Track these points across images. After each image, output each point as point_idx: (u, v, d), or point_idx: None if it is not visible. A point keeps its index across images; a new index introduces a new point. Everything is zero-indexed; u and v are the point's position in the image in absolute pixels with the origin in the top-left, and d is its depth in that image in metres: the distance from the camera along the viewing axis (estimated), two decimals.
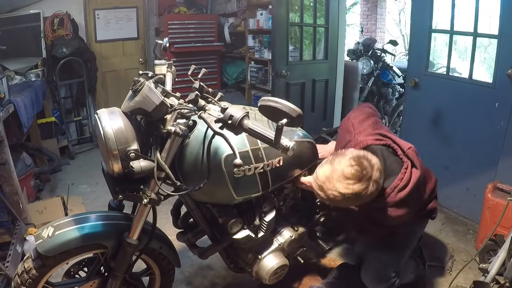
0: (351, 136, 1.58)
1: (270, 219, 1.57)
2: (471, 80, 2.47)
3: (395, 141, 1.49)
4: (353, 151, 1.35)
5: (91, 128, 4.29)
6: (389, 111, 4.44)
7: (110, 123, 1.21)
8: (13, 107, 2.40)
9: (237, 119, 1.07)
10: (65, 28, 3.84)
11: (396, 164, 1.44)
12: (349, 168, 1.27)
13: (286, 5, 3.07)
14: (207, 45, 4.43)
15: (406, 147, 1.47)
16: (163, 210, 1.90)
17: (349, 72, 3.87)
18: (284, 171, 1.53)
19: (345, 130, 1.65)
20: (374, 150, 1.45)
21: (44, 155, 3.38)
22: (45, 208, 2.53)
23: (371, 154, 1.34)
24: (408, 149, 1.46)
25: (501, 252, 1.60)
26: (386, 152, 1.46)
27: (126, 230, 1.38)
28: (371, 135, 1.52)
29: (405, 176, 1.40)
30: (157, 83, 1.33)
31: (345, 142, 1.59)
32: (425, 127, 2.74)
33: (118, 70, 4.54)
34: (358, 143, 1.50)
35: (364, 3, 7.87)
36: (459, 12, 2.49)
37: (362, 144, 1.48)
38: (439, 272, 2.10)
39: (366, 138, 1.50)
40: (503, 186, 2.12)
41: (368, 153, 1.34)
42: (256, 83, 4.18)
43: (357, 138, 1.54)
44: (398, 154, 1.47)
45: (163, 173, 1.26)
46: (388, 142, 1.49)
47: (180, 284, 2.02)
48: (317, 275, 2.06)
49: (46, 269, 1.33)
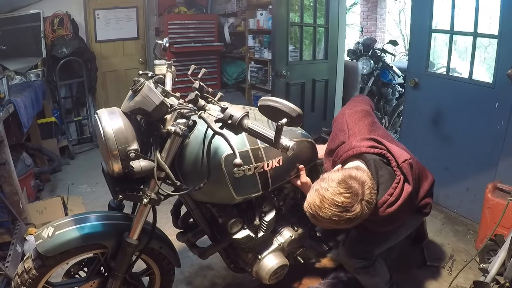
0: (345, 136, 1.53)
1: (270, 219, 1.57)
2: (471, 80, 2.47)
3: (390, 151, 1.42)
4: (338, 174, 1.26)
5: (91, 128, 4.29)
6: (389, 111, 4.44)
7: (110, 123, 1.21)
8: (13, 107, 2.40)
9: (237, 119, 1.07)
10: (65, 28, 3.84)
11: (388, 176, 1.38)
12: (339, 197, 1.20)
13: (286, 5, 3.07)
14: (207, 45, 4.43)
15: (401, 159, 1.38)
16: (163, 210, 1.90)
17: (349, 72, 3.87)
18: (284, 171, 1.53)
19: (339, 129, 1.58)
20: (366, 159, 1.40)
21: (44, 155, 3.38)
22: (45, 208, 2.53)
23: (359, 171, 1.28)
24: (403, 162, 1.37)
25: (501, 252, 1.60)
26: (379, 163, 1.39)
27: (126, 230, 1.38)
28: (365, 140, 1.45)
29: (395, 191, 1.35)
30: (157, 83, 1.33)
31: (338, 143, 1.54)
32: (425, 127, 2.74)
33: (118, 70, 4.54)
34: (351, 148, 1.44)
35: (364, 3, 7.87)
36: (459, 12, 2.49)
37: (355, 151, 1.43)
38: (439, 272, 2.10)
39: (360, 144, 1.43)
40: (503, 186, 2.12)
41: (356, 171, 1.27)
42: (256, 83, 4.18)
43: (351, 142, 1.48)
44: (392, 166, 1.40)
45: (163, 173, 1.26)
46: (382, 151, 1.41)
47: (180, 284, 2.02)
48: (317, 275, 2.06)
49: (46, 269, 1.33)
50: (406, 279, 2.01)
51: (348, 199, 1.20)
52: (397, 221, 1.43)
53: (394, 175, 1.38)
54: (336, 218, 1.21)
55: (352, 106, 1.67)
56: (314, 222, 1.31)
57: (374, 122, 1.60)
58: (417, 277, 2.05)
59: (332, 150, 1.58)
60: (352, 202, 1.20)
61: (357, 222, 1.26)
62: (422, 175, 1.59)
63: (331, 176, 1.26)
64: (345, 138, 1.53)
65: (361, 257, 1.57)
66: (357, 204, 1.21)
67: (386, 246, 1.66)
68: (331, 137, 1.65)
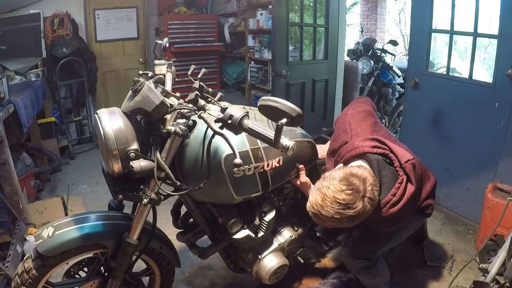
0: (347, 137, 1.53)
1: (270, 219, 1.57)
2: (471, 80, 2.47)
3: (393, 151, 1.42)
4: (339, 172, 1.27)
5: (91, 128, 4.29)
6: (389, 111, 4.44)
7: (110, 123, 1.21)
8: (13, 107, 2.40)
9: (237, 119, 1.07)
10: (65, 28, 3.84)
11: (391, 177, 1.38)
12: (341, 194, 1.20)
13: (286, 5, 3.07)
14: (207, 45, 4.43)
15: (404, 159, 1.39)
16: (163, 210, 1.90)
17: (349, 72, 3.87)
18: (284, 171, 1.53)
19: (341, 129, 1.59)
20: (369, 159, 1.40)
21: (44, 155, 3.38)
22: (45, 208, 2.53)
23: (361, 168, 1.29)
24: (405, 162, 1.39)
25: (501, 252, 1.60)
26: (381, 163, 1.39)
27: (126, 230, 1.38)
28: (368, 140, 1.45)
29: (398, 191, 1.35)
30: (157, 83, 1.33)
31: (341, 143, 1.54)
32: (425, 127, 2.74)
33: (118, 70, 4.54)
34: (354, 148, 1.44)
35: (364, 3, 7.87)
36: (459, 12, 2.48)
37: (357, 151, 1.43)
38: (439, 272, 2.10)
39: (362, 144, 1.44)
40: (503, 186, 2.12)
41: (357, 168, 1.28)
42: (256, 83, 4.18)
43: (353, 142, 1.48)
44: (395, 166, 1.40)
45: (163, 173, 1.26)
46: (385, 151, 1.41)
47: (180, 284, 2.02)
48: (317, 275, 2.06)
49: (46, 269, 1.33)
50: (406, 279, 2.01)
51: (349, 195, 1.20)
52: (400, 221, 1.43)
53: (397, 175, 1.38)
54: (338, 216, 1.21)
55: (355, 107, 1.68)
56: (317, 222, 1.31)
57: (376, 123, 1.60)
58: (417, 277, 2.05)
59: (334, 150, 1.58)
60: (354, 199, 1.21)
61: (360, 220, 1.26)
62: (425, 176, 1.60)
63: (333, 174, 1.27)
64: (347, 138, 1.53)
65: (363, 257, 1.57)
66: (359, 201, 1.21)
67: (388, 247, 1.66)
68: (333, 137, 1.66)
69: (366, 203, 1.23)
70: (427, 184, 1.60)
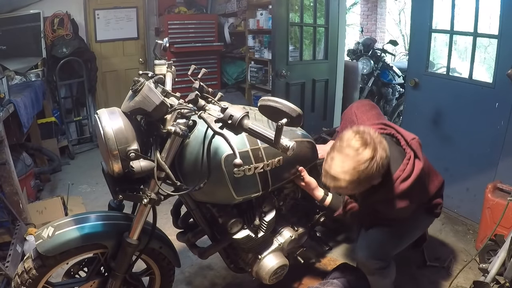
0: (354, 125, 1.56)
1: (270, 219, 1.57)
2: (471, 80, 2.47)
3: (399, 131, 1.49)
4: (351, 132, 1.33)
5: (91, 128, 4.29)
6: (389, 111, 4.44)
7: (110, 123, 1.20)
8: (13, 107, 2.41)
9: (237, 119, 1.07)
10: (65, 28, 3.84)
11: (398, 154, 1.43)
12: (355, 141, 1.27)
13: (286, 5, 3.07)
14: (207, 45, 4.43)
15: (409, 137, 1.46)
16: (163, 210, 1.90)
17: (349, 72, 3.87)
18: (284, 171, 1.53)
19: (348, 121, 1.65)
20: None
21: (44, 155, 3.38)
22: (45, 208, 2.53)
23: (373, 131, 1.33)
24: (411, 139, 1.45)
25: (501, 252, 1.60)
26: (389, 141, 1.44)
27: (126, 230, 1.38)
28: (374, 124, 1.52)
29: (407, 167, 1.39)
30: (157, 83, 1.33)
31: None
32: (425, 127, 2.74)
33: (118, 70, 4.54)
34: None
35: (364, 3, 7.87)
36: (459, 12, 2.49)
37: None
38: (439, 272, 2.10)
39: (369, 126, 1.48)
40: (503, 186, 2.12)
41: (370, 129, 1.33)
42: (256, 83, 4.18)
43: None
44: (401, 145, 1.46)
45: (163, 173, 1.26)
46: (391, 132, 1.49)
47: (180, 284, 2.02)
48: (317, 275, 2.06)
49: (46, 269, 1.33)
50: (406, 279, 2.01)
51: (359, 140, 1.27)
52: (412, 201, 1.42)
53: (404, 153, 1.43)
54: (351, 168, 1.24)
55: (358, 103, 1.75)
56: (333, 188, 1.34)
57: (380, 114, 1.67)
58: (417, 277, 2.05)
59: None
60: (364, 144, 1.26)
61: (374, 180, 1.30)
62: (432, 172, 1.62)
63: (345, 132, 1.33)
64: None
65: (379, 258, 1.57)
66: (370, 149, 1.25)
67: (401, 247, 1.67)
68: (339, 130, 1.72)
69: (376, 154, 1.25)
70: (435, 181, 1.62)
